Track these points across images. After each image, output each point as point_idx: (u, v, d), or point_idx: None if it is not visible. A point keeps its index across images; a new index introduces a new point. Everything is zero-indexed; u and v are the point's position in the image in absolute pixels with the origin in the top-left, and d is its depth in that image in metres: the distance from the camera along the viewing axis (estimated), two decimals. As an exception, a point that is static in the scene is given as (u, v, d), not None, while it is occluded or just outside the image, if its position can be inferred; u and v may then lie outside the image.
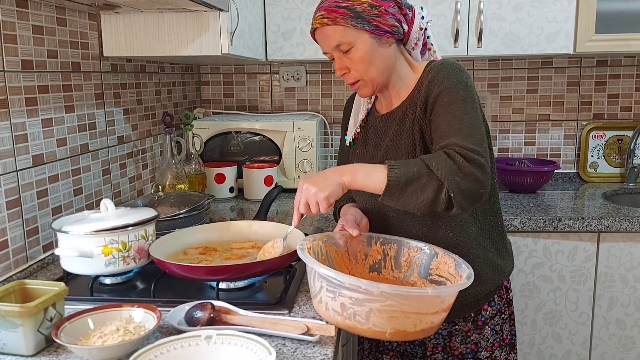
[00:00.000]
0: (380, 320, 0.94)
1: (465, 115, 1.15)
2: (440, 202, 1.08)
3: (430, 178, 1.08)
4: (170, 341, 0.94)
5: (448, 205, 1.09)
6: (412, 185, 1.08)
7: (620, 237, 1.94)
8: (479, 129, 1.15)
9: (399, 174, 1.09)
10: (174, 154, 1.93)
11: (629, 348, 2.02)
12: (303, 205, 1.14)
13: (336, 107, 2.59)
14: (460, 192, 1.07)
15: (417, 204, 1.10)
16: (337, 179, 1.13)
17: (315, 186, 1.12)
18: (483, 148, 1.12)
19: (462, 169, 1.07)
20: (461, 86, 1.18)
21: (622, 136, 2.49)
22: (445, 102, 1.18)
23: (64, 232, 1.20)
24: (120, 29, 1.67)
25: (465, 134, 1.13)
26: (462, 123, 1.14)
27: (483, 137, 1.15)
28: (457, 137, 1.12)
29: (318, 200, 1.12)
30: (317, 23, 1.23)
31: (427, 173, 1.08)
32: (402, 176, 1.08)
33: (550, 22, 2.09)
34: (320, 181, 1.13)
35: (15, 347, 0.97)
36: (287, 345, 1.00)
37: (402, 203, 1.11)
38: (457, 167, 1.07)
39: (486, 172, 1.11)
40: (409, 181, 1.08)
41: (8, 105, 1.29)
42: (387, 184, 1.09)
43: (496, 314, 1.36)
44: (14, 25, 1.31)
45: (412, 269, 1.21)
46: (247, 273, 1.20)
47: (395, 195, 1.10)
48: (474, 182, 1.08)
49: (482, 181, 1.10)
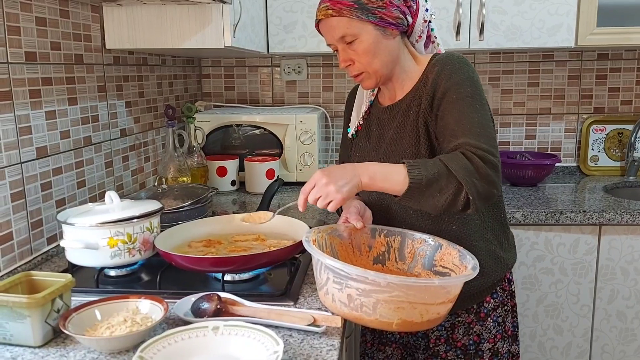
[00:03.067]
0: (387, 311, 0.94)
1: (475, 113, 1.16)
2: (459, 204, 1.09)
3: (449, 180, 1.08)
4: (178, 332, 0.95)
5: (465, 207, 1.10)
6: (432, 187, 1.09)
7: (622, 229, 1.95)
8: (489, 127, 1.16)
9: (420, 175, 1.08)
10: (176, 147, 1.94)
11: (629, 340, 2.03)
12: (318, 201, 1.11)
13: (337, 100, 2.59)
14: (477, 194, 1.08)
15: (435, 204, 1.10)
16: (356, 179, 1.11)
17: (334, 185, 1.09)
18: (495, 148, 1.14)
19: (479, 170, 1.08)
20: (468, 82, 1.19)
21: (622, 129, 2.50)
22: (453, 98, 1.18)
23: (69, 224, 1.20)
24: (123, 21, 1.66)
25: (477, 133, 1.13)
26: (472, 122, 1.15)
27: (494, 136, 1.16)
28: (469, 136, 1.13)
29: (332, 200, 1.10)
30: (321, 14, 1.23)
31: (446, 174, 1.08)
32: (424, 178, 1.08)
33: (552, 15, 2.09)
34: (339, 179, 1.10)
35: (23, 338, 0.97)
36: (294, 336, 1.01)
37: (421, 204, 1.11)
38: (475, 168, 1.08)
39: (499, 173, 1.12)
40: (430, 182, 1.08)
41: (12, 97, 1.29)
42: (409, 185, 1.08)
43: (499, 305, 1.37)
44: (18, 17, 1.30)
45: (416, 260, 1.22)
46: (252, 264, 1.20)
47: (415, 197, 1.10)
48: (489, 184, 1.10)
49: (496, 183, 1.11)
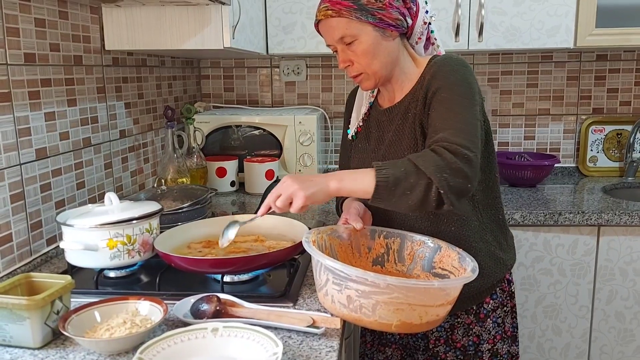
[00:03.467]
0: (386, 312, 0.95)
1: (462, 111, 1.15)
2: (431, 200, 1.07)
3: (419, 177, 1.07)
4: (178, 333, 0.95)
5: (439, 203, 1.08)
6: (401, 186, 1.08)
7: (620, 230, 1.95)
8: (473, 125, 1.15)
9: (387, 174, 1.08)
10: (175, 148, 1.94)
11: (628, 341, 2.04)
12: (278, 198, 1.11)
13: (336, 101, 2.59)
14: (449, 189, 1.06)
15: (407, 204, 1.09)
16: (323, 184, 1.11)
17: (299, 184, 1.10)
18: (473, 143, 1.12)
19: (450, 164, 1.07)
20: (461, 82, 1.18)
21: (621, 130, 2.50)
22: (443, 97, 1.17)
23: (69, 226, 1.20)
24: (122, 22, 1.67)
25: (457, 128, 1.12)
26: (456, 118, 1.14)
27: (476, 134, 1.14)
28: (448, 132, 1.12)
29: (295, 196, 1.09)
30: (321, 15, 1.23)
31: (415, 172, 1.07)
32: (391, 176, 1.07)
33: (551, 16, 2.10)
34: (305, 181, 1.11)
35: (23, 340, 0.98)
36: (293, 338, 1.01)
37: (393, 204, 1.11)
38: (445, 163, 1.07)
39: (473, 167, 1.10)
40: (398, 181, 1.07)
41: (11, 99, 1.29)
42: (376, 185, 1.08)
43: (498, 306, 1.37)
44: (17, 18, 1.30)
45: (416, 262, 1.22)
46: (252, 265, 1.20)
47: (384, 196, 1.09)
48: (462, 178, 1.08)
49: (470, 176, 1.09)
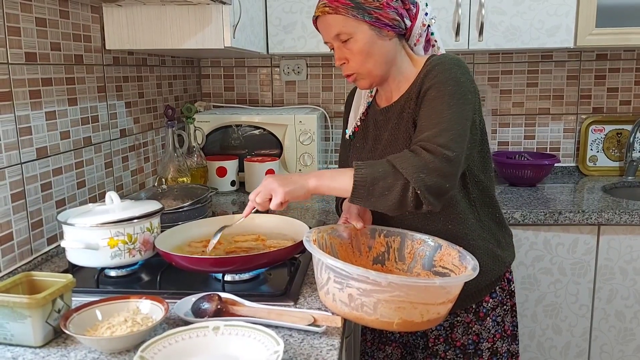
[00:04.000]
0: (387, 310, 0.95)
1: (447, 110, 1.15)
2: (409, 201, 1.09)
3: (396, 177, 1.09)
4: (179, 332, 0.95)
5: (417, 203, 1.09)
6: (379, 186, 1.09)
7: (620, 229, 1.95)
8: (458, 124, 1.14)
9: (365, 174, 1.10)
10: (176, 147, 1.94)
11: (628, 340, 2.04)
12: (258, 195, 1.16)
13: (337, 100, 2.59)
14: (426, 189, 1.07)
15: (386, 204, 1.11)
16: (302, 182, 1.16)
17: (278, 181, 1.15)
18: (456, 143, 1.12)
19: (427, 164, 1.08)
20: (452, 81, 1.18)
21: (621, 130, 2.50)
22: (432, 96, 1.18)
23: (70, 225, 1.20)
24: (123, 21, 1.67)
25: (441, 128, 1.12)
26: (441, 117, 1.14)
27: (460, 133, 1.14)
28: (432, 131, 1.13)
29: (274, 193, 1.14)
30: (319, 11, 1.24)
31: (392, 172, 1.09)
32: (368, 176, 1.10)
33: (551, 16, 2.10)
34: (284, 179, 1.16)
35: (24, 338, 0.98)
36: (294, 336, 1.01)
37: (372, 204, 1.12)
38: (423, 163, 1.08)
39: (452, 167, 1.10)
40: (376, 181, 1.09)
41: (12, 98, 1.29)
42: (354, 184, 1.10)
43: (498, 305, 1.37)
44: (18, 17, 1.31)
45: (416, 260, 1.22)
46: (252, 265, 1.20)
47: (363, 196, 1.11)
48: (439, 177, 1.09)
49: (447, 176, 1.10)
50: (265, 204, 1.16)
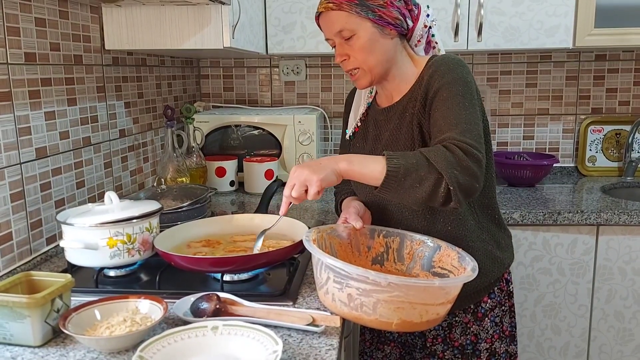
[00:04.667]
0: (387, 311, 0.95)
1: (463, 110, 1.16)
2: (439, 196, 1.07)
3: (430, 170, 1.06)
4: (178, 332, 0.95)
5: (446, 199, 1.08)
6: (411, 177, 1.06)
7: (619, 230, 1.96)
8: (476, 125, 1.16)
9: (398, 164, 1.07)
10: (175, 147, 1.94)
11: (627, 340, 2.04)
12: (293, 189, 1.09)
13: (336, 100, 2.60)
14: (459, 185, 1.06)
15: (415, 196, 1.08)
16: (333, 165, 1.10)
17: (309, 169, 1.09)
18: (480, 144, 1.13)
19: (460, 162, 1.07)
20: (461, 82, 1.19)
21: (620, 130, 2.51)
22: (444, 97, 1.18)
23: (69, 225, 1.20)
24: (122, 22, 1.67)
25: (463, 128, 1.13)
26: (459, 118, 1.14)
27: (480, 133, 1.15)
28: (455, 131, 1.12)
29: (309, 183, 1.08)
30: (322, 7, 1.25)
31: (426, 165, 1.07)
32: (402, 167, 1.06)
33: (549, 16, 2.10)
34: (314, 165, 1.10)
35: (23, 338, 0.98)
36: (293, 336, 1.01)
37: (400, 196, 1.10)
38: (456, 160, 1.07)
39: (482, 167, 1.11)
40: (408, 172, 1.06)
41: (11, 98, 1.29)
42: (387, 174, 1.06)
43: (496, 305, 1.37)
44: (17, 17, 1.31)
45: (415, 261, 1.22)
46: (251, 264, 1.21)
47: (393, 187, 1.08)
48: (471, 177, 1.08)
49: (478, 177, 1.10)
50: (302, 196, 1.09)
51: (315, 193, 1.08)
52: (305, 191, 1.10)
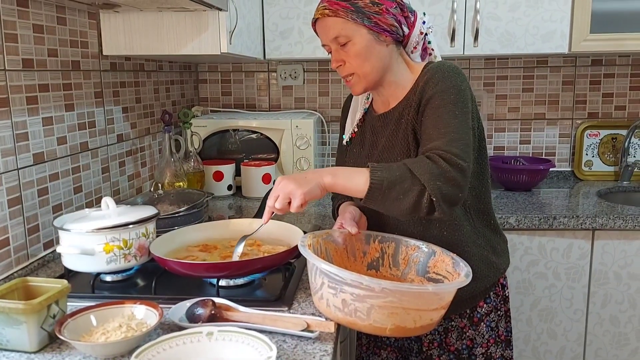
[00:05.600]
0: (381, 316, 0.96)
1: (454, 119, 1.16)
2: (423, 207, 1.09)
3: (413, 182, 1.08)
4: (172, 337, 0.95)
5: (430, 210, 1.09)
6: (395, 189, 1.08)
7: (615, 234, 1.96)
8: (466, 134, 1.16)
9: (382, 177, 1.09)
10: (172, 152, 1.94)
11: (622, 344, 2.05)
12: (276, 200, 1.11)
13: (333, 105, 2.60)
14: (442, 197, 1.08)
15: (399, 208, 1.10)
16: (318, 179, 1.12)
17: (294, 183, 1.10)
18: (466, 153, 1.13)
19: (444, 173, 1.08)
20: (453, 90, 1.19)
21: (616, 135, 2.52)
22: (435, 104, 1.19)
23: (65, 230, 1.21)
24: (120, 28, 1.68)
25: (451, 138, 1.13)
26: (448, 127, 1.15)
27: (468, 143, 1.15)
28: (442, 140, 1.13)
29: (293, 196, 1.10)
30: (318, 14, 1.26)
31: (410, 177, 1.09)
32: (385, 180, 1.08)
33: (545, 22, 2.11)
34: (299, 179, 1.12)
35: (19, 344, 0.98)
36: (287, 342, 1.02)
37: (385, 207, 1.12)
38: (440, 171, 1.08)
39: (466, 178, 1.12)
40: (392, 185, 1.08)
41: (9, 104, 1.30)
42: (370, 186, 1.08)
43: (492, 310, 1.38)
44: (15, 24, 1.31)
45: (410, 266, 1.23)
46: (247, 270, 1.21)
47: (378, 198, 1.10)
48: (454, 187, 1.09)
49: (462, 186, 1.11)
50: (285, 208, 1.11)
51: (299, 206, 1.10)
52: (289, 203, 1.11)
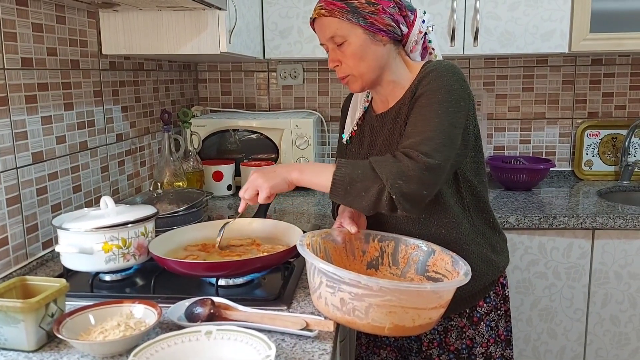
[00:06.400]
0: (379, 315, 0.95)
1: (435, 118, 1.16)
2: (383, 204, 1.11)
3: (374, 181, 1.10)
4: (171, 336, 0.95)
5: (391, 207, 1.11)
6: (356, 187, 1.12)
7: (615, 234, 1.96)
8: (444, 134, 1.15)
9: (344, 173, 1.13)
10: (172, 152, 1.94)
11: (623, 344, 2.04)
12: (246, 191, 1.20)
13: (333, 105, 2.60)
14: (402, 195, 1.09)
15: (361, 204, 1.13)
16: (284, 174, 1.19)
17: (263, 177, 1.18)
18: (439, 152, 1.12)
19: (406, 172, 1.09)
20: (443, 90, 1.18)
21: (616, 134, 2.51)
22: (422, 103, 1.19)
23: (64, 229, 1.21)
24: (119, 27, 1.67)
25: (425, 136, 1.13)
26: (427, 125, 1.15)
27: (444, 143, 1.14)
28: (416, 138, 1.14)
29: (260, 189, 1.18)
30: (315, 13, 1.27)
31: (371, 175, 1.11)
32: (347, 176, 1.12)
33: (545, 21, 2.11)
34: (268, 173, 1.20)
35: (17, 343, 0.98)
36: (286, 341, 1.01)
37: (348, 202, 1.16)
38: (402, 170, 1.09)
39: (434, 175, 1.11)
40: (353, 182, 1.12)
41: (8, 103, 1.30)
42: (333, 182, 1.13)
43: (492, 310, 1.38)
44: (14, 23, 1.31)
45: (410, 265, 1.23)
46: (245, 269, 1.21)
47: (340, 194, 1.14)
48: (417, 185, 1.10)
49: (427, 184, 1.11)
50: (254, 199, 1.20)
51: (265, 197, 1.18)
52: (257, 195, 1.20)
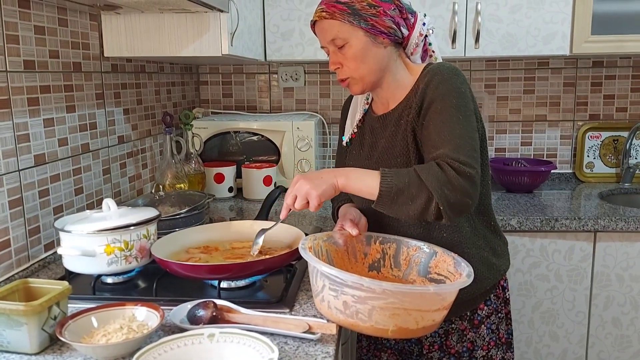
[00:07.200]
0: (382, 317, 0.95)
1: (457, 124, 1.17)
2: (430, 213, 1.11)
3: (421, 189, 1.10)
4: (174, 339, 0.95)
5: (437, 216, 1.11)
6: (403, 196, 1.11)
7: (617, 236, 1.96)
8: (471, 139, 1.17)
9: (391, 183, 1.12)
10: (173, 154, 1.94)
11: (625, 347, 2.04)
12: (294, 200, 1.16)
13: (334, 107, 2.60)
14: (448, 205, 1.09)
15: (408, 213, 1.13)
16: (332, 180, 1.16)
17: (310, 183, 1.14)
18: (474, 159, 1.14)
19: (452, 181, 1.10)
20: (455, 93, 1.19)
21: (617, 136, 2.51)
22: (438, 109, 1.19)
23: (66, 232, 1.21)
24: (121, 29, 1.68)
25: (456, 144, 1.14)
26: (453, 133, 1.16)
27: (474, 148, 1.16)
28: (448, 147, 1.14)
29: (309, 198, 1.14)
30: (316, 16, 1.27)
31: (418, 184, 1.11)
32: (394, 186, 1.11)
33: (547, 24, 2.11)
34: (315, 179, 1.16)
35: (20, 346, 0.98)
36: (289, 344, 1.01)
37: (394, 211, 1.15)
38: (448, 179, 1.10)
39: (475, 185, 1.13)
40: (400, 191, 1.11)
41: (10, 105, 1.30)
42: (379, 193, 1.12)
43: (492, 312, 1.38)
44: (16, 25, 1.31)
45: (411, 267, 1.23)
46: (248, 272, 1.21)
47: (387, 204, 1.13)
48: (462, 195, 1.11)
49: (471, 194, 1.12)
50: (303, 207, 1.16)
51: (316, 206, 1.15)
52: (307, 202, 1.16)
